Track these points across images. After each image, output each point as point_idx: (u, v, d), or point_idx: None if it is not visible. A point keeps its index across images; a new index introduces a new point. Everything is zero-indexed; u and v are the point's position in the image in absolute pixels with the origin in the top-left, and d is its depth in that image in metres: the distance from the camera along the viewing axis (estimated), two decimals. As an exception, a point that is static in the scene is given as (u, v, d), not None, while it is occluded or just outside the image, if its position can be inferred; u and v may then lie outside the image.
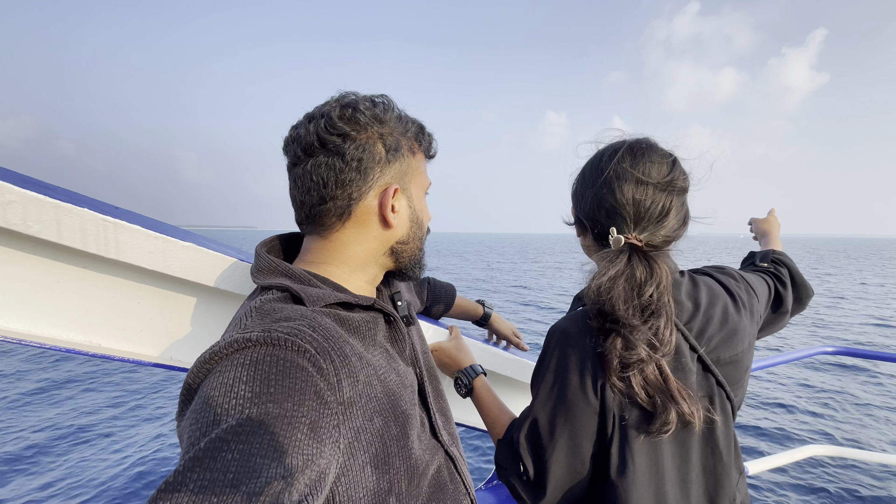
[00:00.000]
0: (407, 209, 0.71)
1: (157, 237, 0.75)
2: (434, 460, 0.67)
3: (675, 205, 0.76)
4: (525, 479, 0.76)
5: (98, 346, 0.79)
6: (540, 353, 0.81)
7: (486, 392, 0.96)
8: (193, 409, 0.45)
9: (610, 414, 0.70)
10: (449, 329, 1.14)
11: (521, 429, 0.77)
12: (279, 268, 0.65)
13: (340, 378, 0.52)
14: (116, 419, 5.66)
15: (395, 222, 0.69)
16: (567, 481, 0.74)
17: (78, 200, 0.70)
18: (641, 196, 0.74)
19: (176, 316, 0.85)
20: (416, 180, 0.72)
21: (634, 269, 0.73)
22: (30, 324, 0.74)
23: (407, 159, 0.70)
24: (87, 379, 6.84)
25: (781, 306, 0.93)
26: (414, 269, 0.76)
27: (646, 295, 0.70)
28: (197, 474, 0.37)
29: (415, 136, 0.72)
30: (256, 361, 0.47)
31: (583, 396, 0.71)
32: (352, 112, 0.65)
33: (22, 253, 0.72)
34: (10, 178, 0.66)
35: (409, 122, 0.71)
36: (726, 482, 0.75)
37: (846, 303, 15.99)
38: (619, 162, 0.76)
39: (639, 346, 0.68)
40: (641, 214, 0.75)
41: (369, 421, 0.56)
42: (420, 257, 0.76)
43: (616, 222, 0.76)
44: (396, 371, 0.65)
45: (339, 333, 0.58)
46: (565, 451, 0.72)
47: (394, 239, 0.71)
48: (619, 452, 0.71)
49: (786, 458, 1.69)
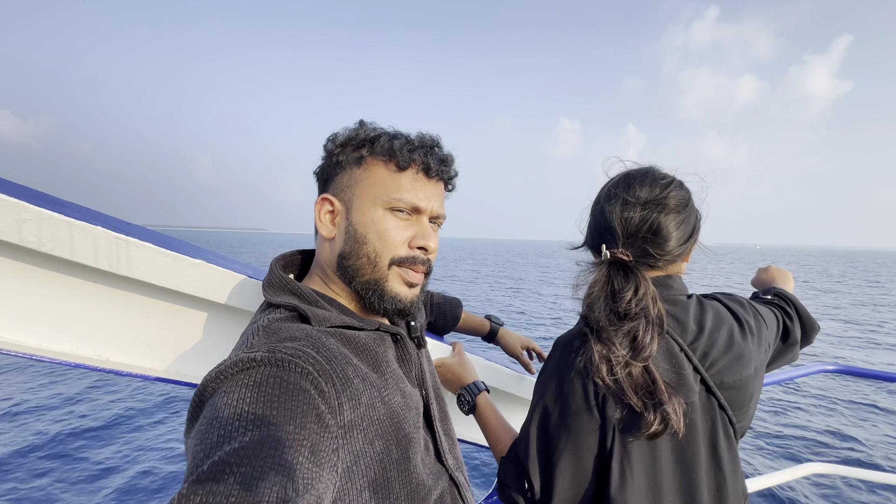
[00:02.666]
0: (344, 220, 0.68)
1: (167, 254, 0.76)
2: (438, 485, 0.67)
3: (670, 222, 0.78)
4: (530, 495, 0.76)
5: (106, 360, 0.80)
6: (542, 366, 0.83)
7: (490, 409, 0.96)
8: (199, 428, 0.46)
9: (610, 426, 0.72)
10: (452, 345, 1.14)
11: (526, 444, 0.77)
12: (289, 286, 0.67)
13: (342, 401, 0.53)
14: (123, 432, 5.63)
15: (330, 233, 0.69)
16: (571, 497, 0.74)
17: (91, 218, 0.71)
18: (629, 214, 0.79)
19: (183, 331, 0.86)
20: (359, 191, 0.67)
21: (612, 278, 0.77)
22: (40, 338, 0.75)
23: (349, 170, 0.68)
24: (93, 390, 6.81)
25: (790, 337, 0.94)
26: (373, 298, 0.68)
27: (623, 302, 0.74)
28: (200, 497, 0.38)
29: (363, 146, 0.68)
30: (260, 383, 0.47)
31: (584, 409, 0.73)
32: (330, 137, 0.72)
33: (34, 268, 0.73)
34: (26, 196, 0.67)
35: (361, 135, 0.69)
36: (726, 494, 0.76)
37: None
38: (614, 188, 0.82)
39: (614, 348, 0.71)
40: (630, 231, 0.79)
41: (370, 444, 0.56)
42: (376, 282, 0.67)
43: (606, 240, 0.81)
44: (402, 392, 0.65)
45: (344, 354, 0.58)
46: (569, 466, 0.73)
47: (335, 251, 0.69)
48: (619, 465, 0.72)
49: (784, 476, 1.69)
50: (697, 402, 0.75)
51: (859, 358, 9.99)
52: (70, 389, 6.68)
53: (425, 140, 0.70)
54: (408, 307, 0.70)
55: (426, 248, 0.69)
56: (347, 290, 0.70)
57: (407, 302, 0.69)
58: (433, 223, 0.72)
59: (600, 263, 0.80)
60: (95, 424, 5.64)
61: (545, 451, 0.75)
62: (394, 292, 0.68)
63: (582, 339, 0.77)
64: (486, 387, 1.01)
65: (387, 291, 0.68)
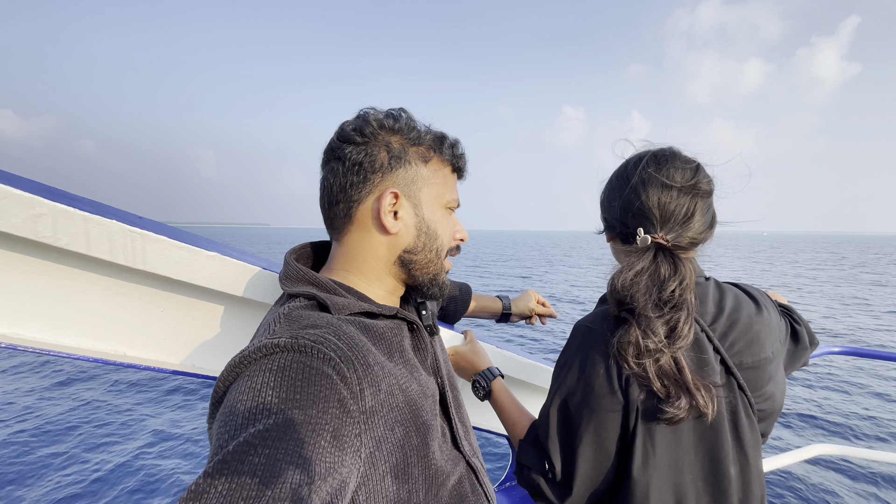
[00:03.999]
0: (413, 217, 0.70)
1: (182, 247, 0.76)
2: (455, 471, 0.67)
3: (699, 208, 0.78)
4: (551, 476, 0.77)
5: (123, 354, 0.80)
6: (563, 349, 0.82)
7: (505, 394, 0.97)
8: (223, 411, 0.46)
9: (633, 407, 0.72)
10: (464, 333, 1.15)
11: (547, 426, 0.78)
12: (306, 276, 0.67)
13: (363, 387, 0.53)
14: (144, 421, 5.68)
15: (394, 228, 0.68)
16: (593, 478, 0.75)
17: (106, 212, 0.71)
18: (666, 199, 0.77)
19: (198, 324, 0.85)
20: (428, 190, 0.71)
21: (659, 266, 0.76)
22: (57, 334, 0.75)
23: (415, 167, 0.69)
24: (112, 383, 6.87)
25: (799, 341, 0.95)
26: (431, 286, 0.74)
27: (667, 291, 0.73)
28: (225, 476, 0.38)
29: (430, 146, 0.71)
30: (283, 367, 0.48)
31: (608, 391, 0.73)
32: (361, 122, 0.68)
33: (50, 263, 0.73)
34: (40, 191, 0.67)
35: (423, 132, 0.71)
36: (756, 485, 0.76)
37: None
38: (645, 168, 0.80)
39: (653, 336, 0.71)
40: (667, 216, 0.78)
41: (390, 430, 0.56)
42: (435, 274, 0.74)
43: (643, 223, 0.79)
44: (418, 381, 0.66)
45: (363, 342, 0.59)
46: (592, 447, 0.74)
47: (400, 247, 0.70)
48: (642, 445, 0.72)
49: (792, 457, 1.70)
50: (718, 382, 0.75)
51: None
52: (83, 384, 6.73)
53: (460, 143, 0.77)
54: (447, 290, 0.78)
55: (463, 239, 0.79)
56: (385, 281, 0.72)
57: (448, 287, 0.79)
58: None
59: (645, 249, 0.78)
60: (106, 419, 5.69)
61: (567, 432, 0.76)
62: (445, 281, 0.77)
63: (611, 323, 0.76)
64: (500, 372, 1.02)
65: (442, 281, 0.76)
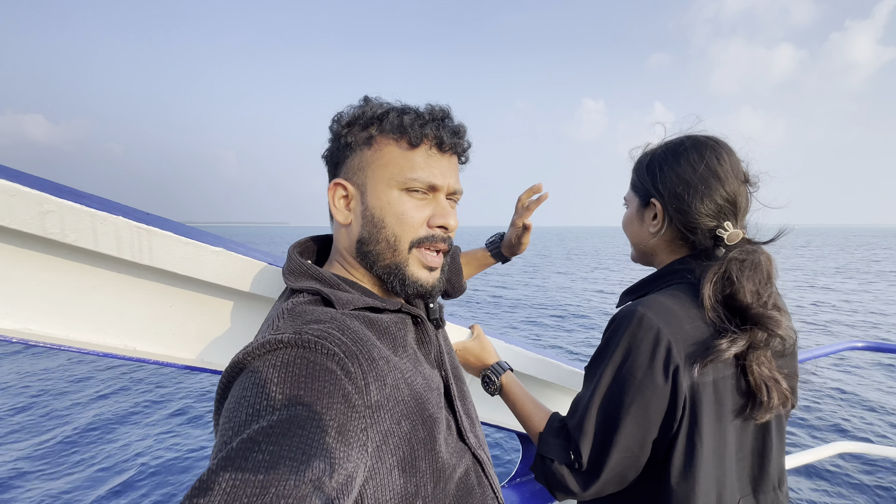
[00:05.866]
0: (359, 205, 0.67)
1: (188, 243, 0.76)
2: (461, 463, 0.67)
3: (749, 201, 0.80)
4: (577, 466, 0.77)
5: (133, 349, 0.81)
6: (605, 337, 0.80)
7: (518, 387, 0.96)
8: (227, 407, 0.46)
9: (681, 398, 0.71)
10: (471, 328, 1.14)
11: (583, 414, 0.77)
12: (309, 271, 0.66)
13: (368, 381, 0.53)
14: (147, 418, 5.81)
15: (346, 219, 0.68)
16: (623, 466, 0.75)
17: (112, 208, 0.72)
18: (739, 191, 0.78)
19: (206, 319, 0.86)
20: (372, 173, 0.65)
21: (759, 262, 0.75)
22: (67, 329, 0.76)
23: (360, 152, 0.66)
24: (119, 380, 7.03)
25: None
26: (392, 281, 0.67)
27: (765, 292, 0.73)
28: (229, 473, 0.38)
29: (378, 126, 0.65)
30: (287, 363, 0.47)
31: (654, 379, 0.72)
32: (335, 118, 0.69)
33: (58, 259, 0.74)
34: (47, 188, 0.67)
35: (368, 112, 0.66)
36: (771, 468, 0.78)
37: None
38: (716, 156, 0.79)
39: (772, 333, 0.71)
40: (741, 209, 0.78)
41: (397, 424, 0.56)
42: (395, 266, 0.66)
43: (728, 216, 0.78)
44: (423, 374, 0.65)
45: (368, 336, 0.58)
46: (629, 436, 0.73)
47: (353, 237, 0.68)
48: (688, 437, 0.72)
49: (813, 454, 1.67)
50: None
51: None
52: (93, 380, 6.90)
53: (436, 112, 0.66)
54: (429, 291, 0.69)
55: (446, 227, 0.68)
56: (369, 275, 0.70)
57: (428, 286, 0.69)
58: (450, 199, 0.70)
59: (734, 245, 0.77)
60: (118, 413, 5.83)
61: (605, 422, 0.75)
62: (414, 277, 0.67)
63: (664, 317, 0.75)
64: (510, 367, 1.01)
65: (408, 276, 0.67)
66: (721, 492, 0.73)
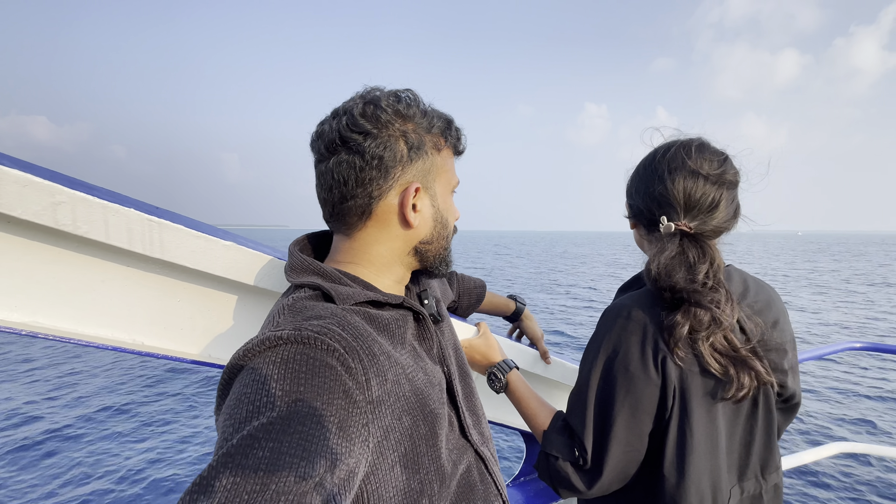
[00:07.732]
0: (430, 208, 0.70)
1: (199, 236, 0.76)
2: (463, 460, 0.67)
3: (725, 198, 0.79)
4: (581, 463, 0.77)
5: (141, 344, 0.80)
6: (594, 332, 0.82)
7: (523, 385, 0.96)
8: (228, 404, 0.46)
9: (671, 388, 0.73)
10: (477, 325, 1.14)
11: (582, 410, 0.78)
12: (311, 266, 0.66)
13: (369, 377, 0.53)
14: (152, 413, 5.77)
15: (416, 222, 0.68)
16: (624, 461, 0.75)
17: (124, 201, 0.71)
18: (692, 187, 0.78)
19: (214, 313, 0.86)
20: (441, 178, 0.71)
21: (686, 251, 0.77)
22: (77, 323, 0.76)
23: (431, 157, 0.68)
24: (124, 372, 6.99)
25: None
26: (440, 266, 0.76)
27: (700, 274, 0.75)
28: (229, 470, 0.38)
29: (441, 132, 0.70)
30: (287, 360, 0.47)
31: (644, 371, 0.74)
32: (373, 109, 0.64)
33: (68, 252, 0.73)
34: (59, 180, 0.67)
35: (434, 118, 0.69)
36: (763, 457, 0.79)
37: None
38: (674, 157, 0.81)
39: (708, 310, 0.72)
40: (692, 204, 0.79)
41: (398, 420, 0.56)
42: (445, 255, 0.76)
43: (667, 211, 0.81)
44: (424, 370, 0.65)
45: (368, 332, 0.58)
46: (626, 429, 0.74)
47: (417, 239, 0.70)
48: (679, 426, 0.73)
49: (813, 454, 1.67)
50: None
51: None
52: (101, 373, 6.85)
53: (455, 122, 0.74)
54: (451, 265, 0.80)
55: (457, 218, 0.79)
56: (387, 271, 0.71)
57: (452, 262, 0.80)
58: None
59: (670, 235, 0.79)
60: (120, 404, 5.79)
61: (601, 415, 0.76)
62: (450, 258, 0.78)
63: (646, 305, 0.77)
64: (516, 364, 1.01)
65: (449, 259, 0.77)
66: (716, 482, 0.74)
